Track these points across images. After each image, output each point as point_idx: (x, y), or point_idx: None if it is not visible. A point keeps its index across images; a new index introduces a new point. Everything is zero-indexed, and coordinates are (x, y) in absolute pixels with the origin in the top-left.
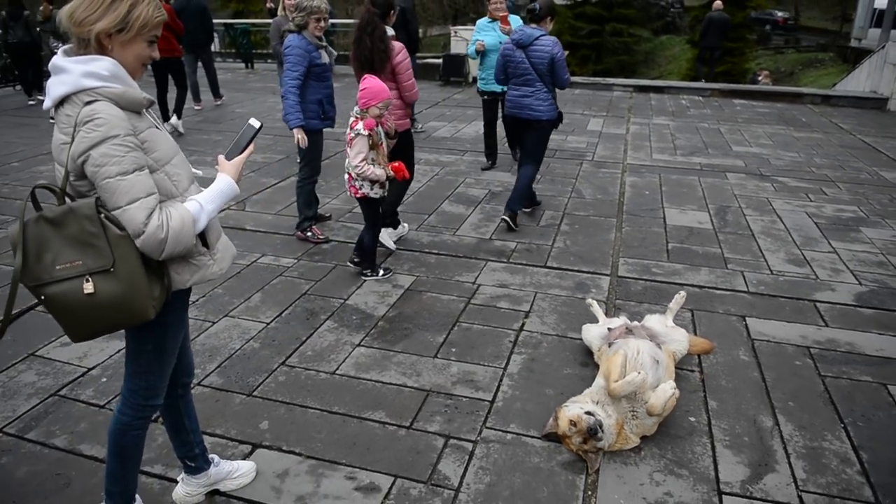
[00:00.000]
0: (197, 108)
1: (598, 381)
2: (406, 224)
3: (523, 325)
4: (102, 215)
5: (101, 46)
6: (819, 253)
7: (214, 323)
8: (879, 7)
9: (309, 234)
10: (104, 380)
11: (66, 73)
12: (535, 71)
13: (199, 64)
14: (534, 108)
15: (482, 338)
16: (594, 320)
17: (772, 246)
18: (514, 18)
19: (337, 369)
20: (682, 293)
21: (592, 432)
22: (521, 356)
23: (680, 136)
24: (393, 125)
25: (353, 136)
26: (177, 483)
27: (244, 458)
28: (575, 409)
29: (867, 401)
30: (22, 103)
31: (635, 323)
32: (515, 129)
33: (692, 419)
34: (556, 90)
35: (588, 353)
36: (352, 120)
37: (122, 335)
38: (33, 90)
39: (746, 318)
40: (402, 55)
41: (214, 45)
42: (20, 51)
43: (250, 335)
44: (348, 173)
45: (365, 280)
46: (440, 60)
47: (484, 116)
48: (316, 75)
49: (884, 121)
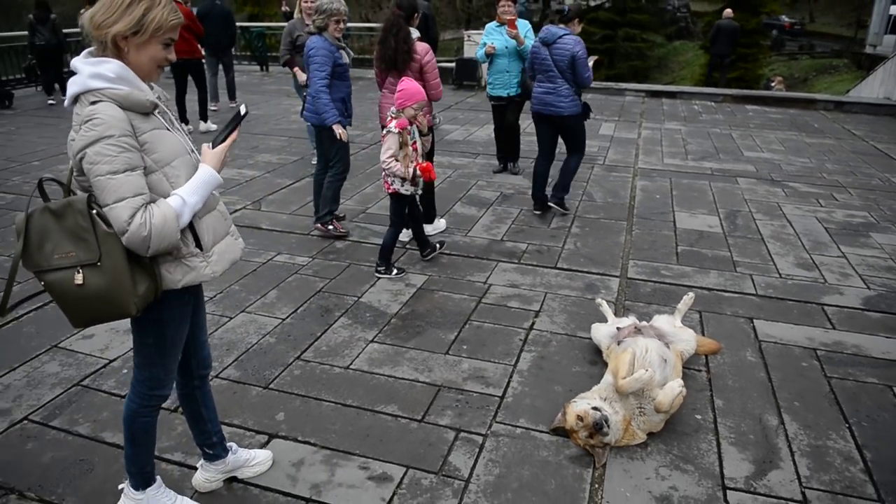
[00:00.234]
0: (213, 108)
1: (607, 377)
2: (443, 220)
3: (533, 324)
4: (94, 211)
5: (117, 48)
6: (828, 257)
7: (231, 318)
8: (895, 14)
9: (330, 227)
10: (125, 371)
11: (78, 73)
12: (557, 68)
13: (220, 67)
14: (556, 104)
15: (493, 336)
16: (603, 320)
17: (781, 250)
18: (522, 23)
19: (351, 364)
20: (691, 294)
21: (598, 427)
22: (530, 354)
23: (691, 140)
24: (426, 124)
25: (385, 133)
26: (196, 469)
27: (261, 448)
28: (582, 404)
29: (872, 402)
30: (42, 103)
31: (644, 323)
32: (541, 124)
33: (698, 417)
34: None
35: (597, 351)
36: (388, 119)
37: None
38: (52, 90)
39: (754, 320)
40: (429, 55)
41: None
42: (46, 53)
43: (266, 330)
44: (384, 169)
45: (378, 279)
46: (453, 64)
47: (494, 121)
48: (338, 75)
49: None
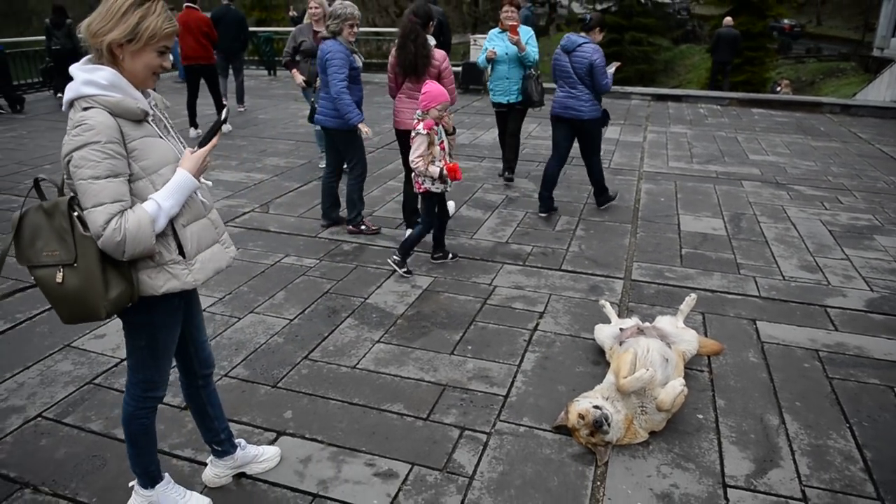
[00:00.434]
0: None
1: (609, 377)
2: (452, 202)
3: (537, 325)
4: (75, 214)
5: (112, 56)
6: (832, 260)
7: (240, 319)
8: None
9: (363, 227)
10: None
11: (74, 79)
12: (576, 74)
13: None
14: (576, 108)
15: (497, 336)
16: (607, 321)
17: (785, 252)
18: (525, 30)
19: (357, 364)
20: (693, 296)
21: (598, 425)
22: (534, 354)
23: (697, 144)
24: (452, 123)
25: (414, 135)
26: (205, 465)
27: (269, 445)
28: (584, 403)
29: (873, 402)
30: (53, 108)
31: (647, 324)
32: (559, 126)
33: (700, 416)
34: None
35: (600, 352)
36: (415, 121)
37: None
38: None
39: (757, 322)
40: (447, 62)
41: None
42: (61, 57)
43: (274, 330)
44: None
45: (384, 280)
46: (459, 68)
47: (498, 127)
48: (352, 78)
49: None
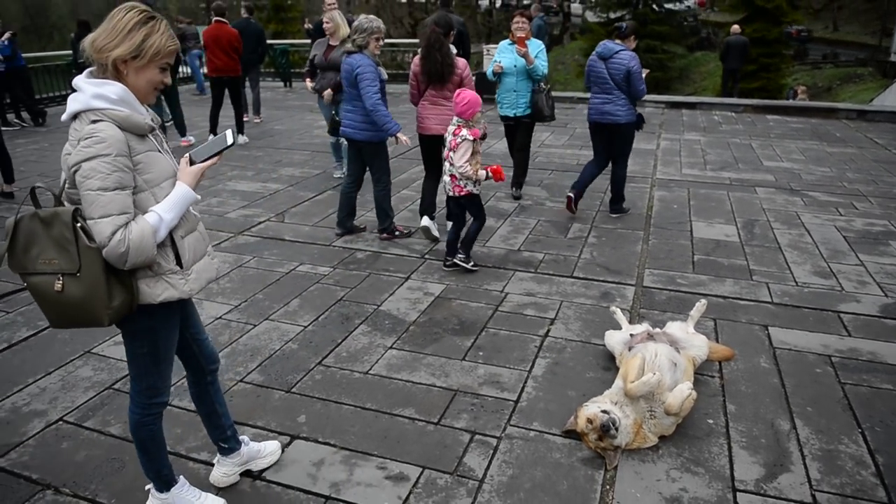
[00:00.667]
0: (246, 119)
1: (618, 382)
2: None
3: (548, 331)
4: (79, 224)
5: (117, 71)
6: (846, 265)
7: (256, 326)
8: None
9: (396, 233)
10: None
11: (80, 92)
12: (613, 81)
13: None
14: (612, 113)
15: (508, 343)
16: (617, 327)
17: (798, 258)
18: (535, 43)
19: (370, 369)
20: (703, 301)
21: (605, 429)
22: (545, 360)
23: (710, 151)
24: (484, 129)
25: (460, 141)
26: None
27: (283, 449)
28: (593, 408)
29: (886, 407)
30: None
31: (657, 329)
32: (597, 133)
33: (710, 421)
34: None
35: (610, 358)
36: (454, 128)
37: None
38: None
39: (769, 328)
40: (468, 69)
41: None
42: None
43: (289, 337)
44: (451, 175)
45: (400, 287)
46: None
47: (507, 140)
48: (379, 90)
49: None
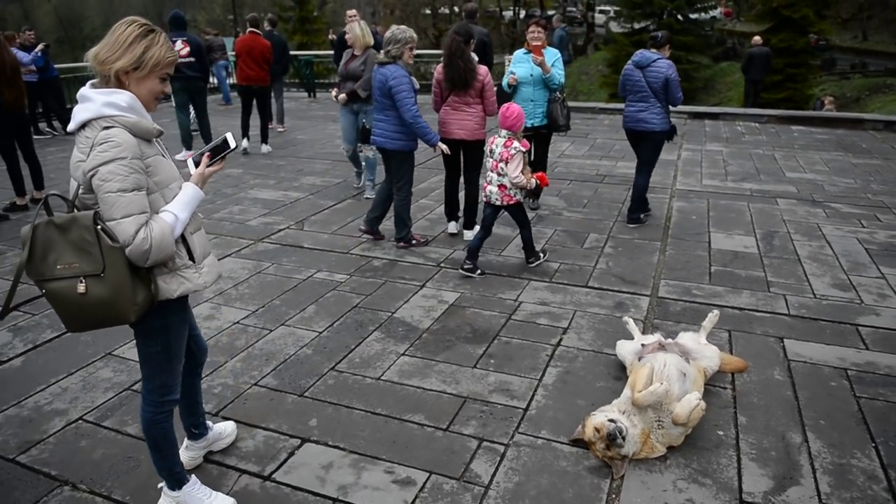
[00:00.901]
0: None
1: (626, 391)
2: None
3: (561, 340)
4: (99, 227)
5: (119, 82)
6: (867, 278)
7: (272, 331)
8: None
9: (413, 242)
10: None
11: (90, 101)
12: (650, 88)
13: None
14: (648, 120)
15: (520, 351)
16: (630, 337)
17: (818, 270)
18: (551, 51)
19: (382, 375)
20: (716, 312)
21: (611, 438)
22: (556, 369)
23: (732, 162)
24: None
25: (513, 153)
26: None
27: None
28: (601, 417)
29: None
30: None
31: (669, 340)
32: (635, 141)
33: (720, 433)
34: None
35: (622, 367)
36: (503, 140)
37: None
38: None
39: (784, 340)
40: (488, 76)
41: None
42: None
43: (304, 342)
44: (501, 185)
45: (415, 295)
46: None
47: None
48: (415, 102)
49: None
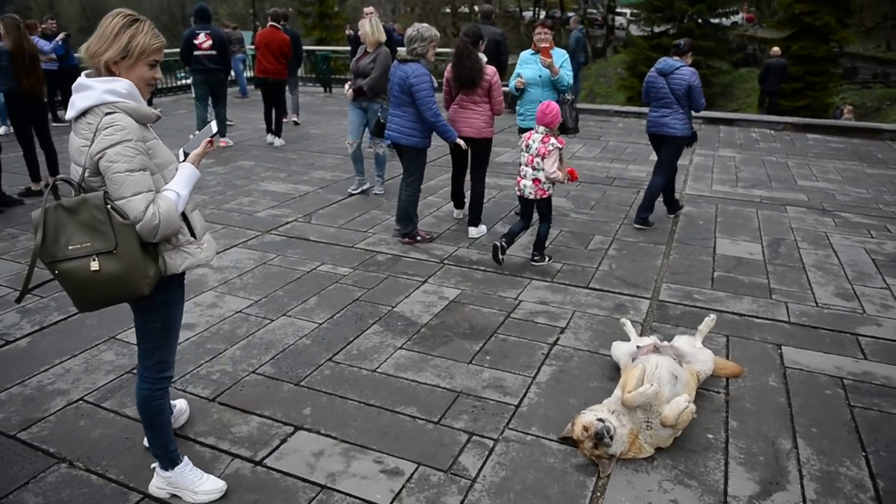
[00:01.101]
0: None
1: (617, 392)
2: (484, 226)
3: (557, 339)
4: (109, 206)
5: (109, 72)
6: (871, 288)
7: (273, 321)
8: None
9: (419, 238)
10: None
11: (90, 89)
12: (673, 95)
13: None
14: (670, 125)
15: (516, 349)
16: (626, 338)
17: (822, 279)
18: (559, 52)
19: (378, 367)
20: (712, 316)
21: (599, 437)
22: (551, 367)
23: (744, 168)
24: None
25: (551, 149)
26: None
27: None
28: (590, 416)
29: (894, 432)
30: None
31: (664, 343)
32: (658, 145)
33: (710, 436)
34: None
35: (616, 368)
36: (540, 136)
37: (187, 324)
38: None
39: (782, 347)
40: (496, 76)
41: None
42: None
43: (303, 333)
44: (536, 179)
45: (416, 290)
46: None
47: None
48: (435, 101)
49: None
